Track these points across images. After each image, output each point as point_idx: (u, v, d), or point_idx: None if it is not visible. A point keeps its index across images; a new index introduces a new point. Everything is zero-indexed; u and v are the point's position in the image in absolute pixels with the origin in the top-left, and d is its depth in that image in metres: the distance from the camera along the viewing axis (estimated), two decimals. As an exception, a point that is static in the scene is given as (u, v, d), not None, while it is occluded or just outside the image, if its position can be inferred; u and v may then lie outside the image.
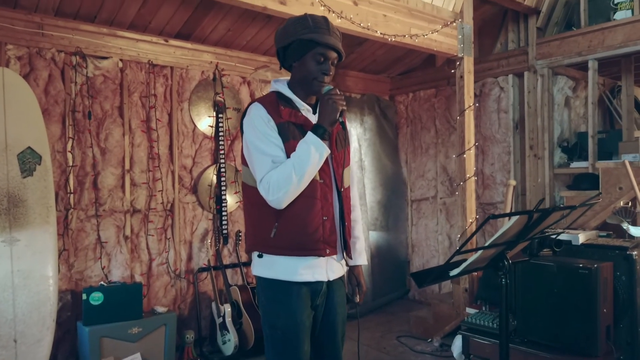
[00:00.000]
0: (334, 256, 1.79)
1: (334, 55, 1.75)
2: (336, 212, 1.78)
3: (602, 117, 5.09)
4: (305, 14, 1.76)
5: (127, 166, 3.70)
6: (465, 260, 1.29)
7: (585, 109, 4.65)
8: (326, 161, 1.74)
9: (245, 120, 1.79)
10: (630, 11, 3.92)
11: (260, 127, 1.71)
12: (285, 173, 1.64)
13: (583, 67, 4.32)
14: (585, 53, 4.10)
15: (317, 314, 1.83)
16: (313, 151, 1.63)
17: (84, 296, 3.21)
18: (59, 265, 3.26)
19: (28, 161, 3.04)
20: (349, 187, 1.89)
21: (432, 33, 3.56)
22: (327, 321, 1.85)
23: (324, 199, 1.74)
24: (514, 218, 1.14)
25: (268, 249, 1.75)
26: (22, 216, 2.97)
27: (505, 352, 1.35)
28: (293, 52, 1.75)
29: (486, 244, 1.23)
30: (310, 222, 1.70)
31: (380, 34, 3.23)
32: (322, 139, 1.66)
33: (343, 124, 1.82)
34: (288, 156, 1.69)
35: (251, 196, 1.79)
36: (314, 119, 1.79)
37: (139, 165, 3.77)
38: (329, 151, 1.69)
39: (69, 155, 3.44)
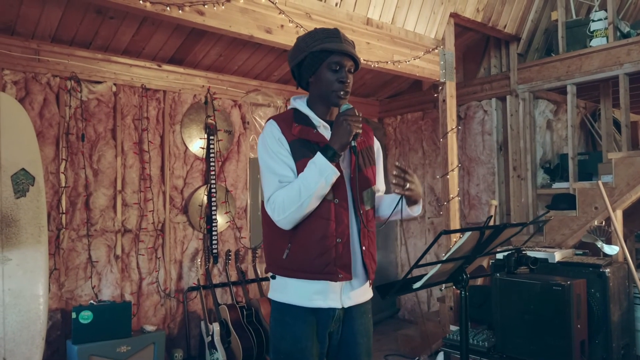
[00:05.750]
0: (351, 281, 1.69)
1: (349, 62, 1.68)
2: (353, 235, 1.69)
3: (584, 139, 5.24)
4: (315, 28, 1.72)
5: (119, 187, 3.79)
6: (426, 273, 1.39)
7: (567, 132, 4.79)
8: (343, 181, 1.67)
9: (259, 138, 1.75)
10: (605, 38, 4.09)
11: (271, 145, 1.67)
12: (291, 194, 1.58)
13: (563, 91, 4.48)
14: (564, 78, 4.26)
15: (333, 342, 1.73)
16: (319, 174, 1.56)
17: (74, 315, 3.27)
18: (49, 285, 3.32)
19: (21, 182, 3.12)
20: (371, 209, 1.77)
21: (414, 59, 3.71)
22: (347, 353, 1.73)
23: (338, 220, 1.65)
24: (467, 234, 1.24)
25: (280, 271, 1.70)
26: (14, 236, 3.04)
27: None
28: (307, 67, 1.69)
29: (443, 259, 1.32)
30: (322, 244, 1.62)
31: (363, 60, 3.37)
32: (331, 161, 1.58)
33: (369, 148, 1.80)
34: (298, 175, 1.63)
35: (267, 215, 1.70)
36: None
37: (130, 186, 3.87)
38: (338, 173, 1.60)
39: (62, 177, 3.53)
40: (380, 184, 1.88)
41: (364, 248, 1.70)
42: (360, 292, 1.74)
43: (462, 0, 3.95)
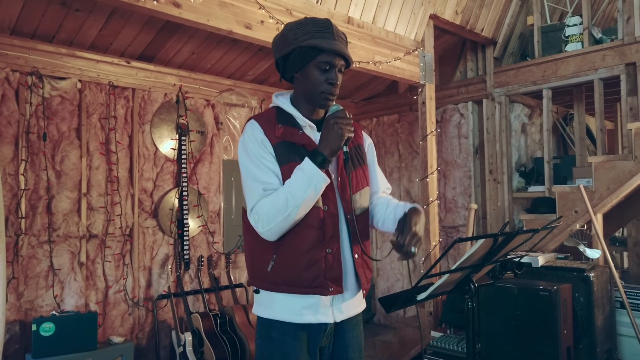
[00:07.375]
0: (342, 294, 1.57)
1: (340, 62, 1.54)
2: (344, 244, 1.57)
3: (556, 143, 5.30)
4: (306, 18, 1.58)
5: (83, 190, 3.57)
6: (432, 284, 1.29)
7: (540, 135, 4.83)
8: (332, 186, 1.54)
9: (240, 140, 1.60)
10: (580, 44, 4.13)
11: (252, 149, 1.53)
12: (277, 204, 1.45)
13: (538, 95, 4.51)
14: (539, 82, 4.28)
15: (324, 358, 1.63)
16: (307, 183, 1.44)
17: (34, 327, 3.04)
18: (6, 295, 3.07)
19: (-24, 184, 2.88)
20: (364, 212, 1.64)
21: (394, 60, 3.64)
22: None
23: (328, 228, 1.52)
24: (480, 241, 1.15)
25: (265, 284, 1.57)
26: (-32, 242, 2.80)
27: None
28: (294, 62, 1.54)
29: (453, 268, 1.23)
30: (311, 255, 1.50)
31: (345, 59, 3.27)
32: (321, 167, 1.45)
33: (358, 147, 1.66)
34: (284, 181, 1.49)
35: (249, 224, 1.55)
36: (318, 137, 1.55)
37: (96, 188, 3.65)
38: (328, 181, 1.48)
39: (22, 178, 3.29)
40: (375, 185, 1.74)
41: (356, 256, 1.58)
42: (352, 305, 1.63)
43: (442, 2, 3.91)
